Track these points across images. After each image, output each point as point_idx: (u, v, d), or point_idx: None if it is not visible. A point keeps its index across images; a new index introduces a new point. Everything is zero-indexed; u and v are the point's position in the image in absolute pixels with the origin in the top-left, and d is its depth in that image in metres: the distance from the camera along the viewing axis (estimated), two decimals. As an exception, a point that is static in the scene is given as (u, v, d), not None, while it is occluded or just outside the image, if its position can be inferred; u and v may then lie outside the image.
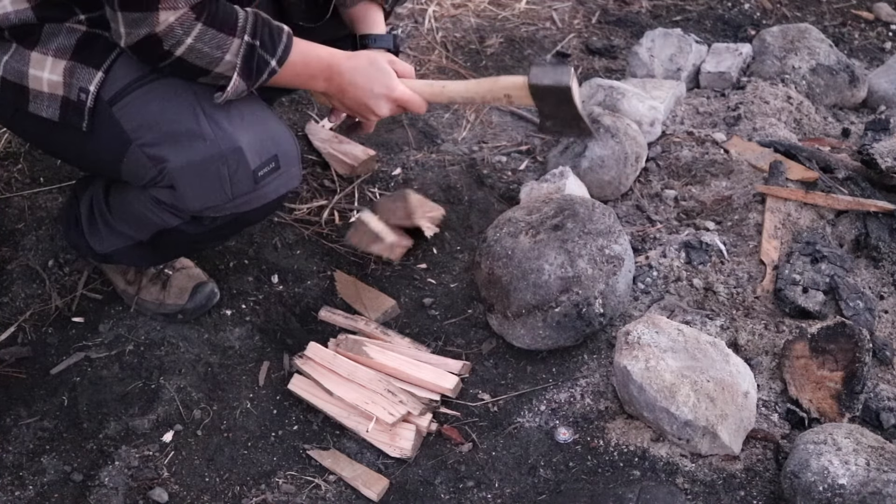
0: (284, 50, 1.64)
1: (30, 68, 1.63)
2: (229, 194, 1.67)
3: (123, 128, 1.63)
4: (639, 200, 2.36)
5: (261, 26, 1.60)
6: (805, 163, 2.30)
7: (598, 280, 1.94)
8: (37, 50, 1.62)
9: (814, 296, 1.98)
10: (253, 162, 1.66)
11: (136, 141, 1.64)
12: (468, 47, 3.03)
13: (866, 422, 1.80)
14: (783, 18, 3.28)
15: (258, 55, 1.60)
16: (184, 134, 1.62)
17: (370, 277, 2.20)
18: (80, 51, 1.62)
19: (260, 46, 1.60)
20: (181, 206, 1.70)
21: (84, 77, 1.62)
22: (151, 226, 1.79)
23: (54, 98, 1.64)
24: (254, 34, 1.58)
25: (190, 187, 1.66)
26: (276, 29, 1.63)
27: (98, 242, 1.93)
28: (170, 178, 1.64)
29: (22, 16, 1.61)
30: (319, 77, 1.73)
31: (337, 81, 1.74)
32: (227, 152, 1.62)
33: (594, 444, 1.81)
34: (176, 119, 1.62)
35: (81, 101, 1.62)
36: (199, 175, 1.64)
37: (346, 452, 1.82)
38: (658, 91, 2.61)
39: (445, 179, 2.49)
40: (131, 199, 1.79)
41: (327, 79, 1.74)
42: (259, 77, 1.62)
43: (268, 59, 1.62)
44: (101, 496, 1.73)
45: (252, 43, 1.58)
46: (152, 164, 1.64)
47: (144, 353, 1.98)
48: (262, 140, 1.67)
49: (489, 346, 2.04)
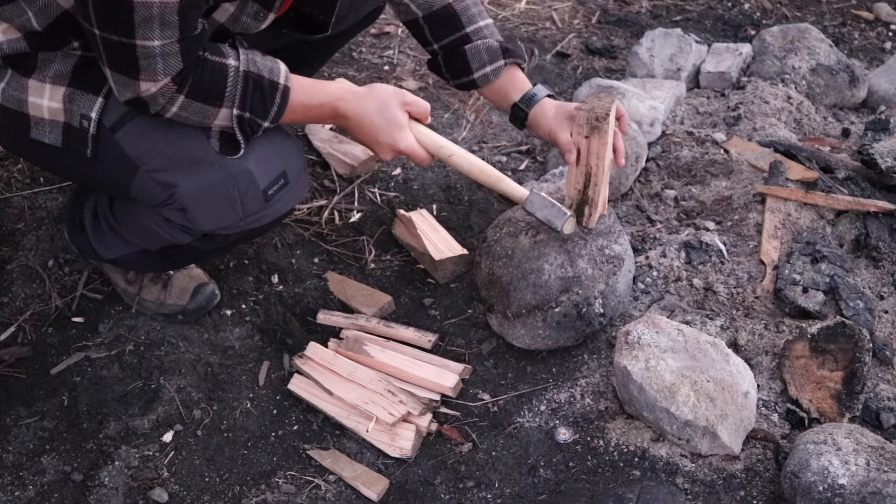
0: (278, 111, 1.62)
1: (28, 96, 1.60)
2: (241, 214, 1.68)
3: (128, 154, 1.62)
4: (639, 200, 2.36)
5: (251, 91, 1.57)
6: (805, 163, 2.30)
7: (598, 280, 1.94)
8: (34, 77, 1.60)
9: (814, 296, 1.98)
10: (262, 182, 1.66)
11: (142, 167, 1.63)
12: (468, 47, 3.03)
13: (866, 422, 1.80)
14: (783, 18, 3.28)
15: (248, 120, 1.60)
16: (191, 159, 1.62)
17: (370, 277, 2.20)
18: (78, 76, 1.60)
19: (250, 114, 1.59)
20: (193, 227, 1.70)
21: (84, 103, 1.60)
22: (161, 240, 1.79)
23: (56, 124, 1.62)
24: (242, 105, 1.57)
25: (201, 210, 1.66)
26: (269, 88, 1.59)
27: (104, 248, 1.93)
28: (181, 202, 1.64)
29: (15, 46, 1.58)
30: (325, 117, 1.73)
31: (342, 119, 1.72)
32: (236, 175, 1.63)
33: (594, 444, 1.81)
34: (181, 144, 1.62)
35: (84, 129, 1.61)
36: (210, 198, 1.64)
37: (346, 452, 1.82)
38: (658, 91, 2.61)
39: (445, 179, 2.49)
40: (140, 215, 1.79)
41: (333, 117, 1.72)
42: (255, 134, 1.63)
43: (259, 122, 1.62)
44: (101, 496, 1.73)
45: (240, 114, 1.58)
46: (161, 189, 1.64)
47: (144, 353, 1.98)
48: (269, 158, 1.67)
49: (489, 346, 2.04)
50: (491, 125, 2.69)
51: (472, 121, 2.70)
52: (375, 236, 2.32)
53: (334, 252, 2.26)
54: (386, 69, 2.93)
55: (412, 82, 2.85)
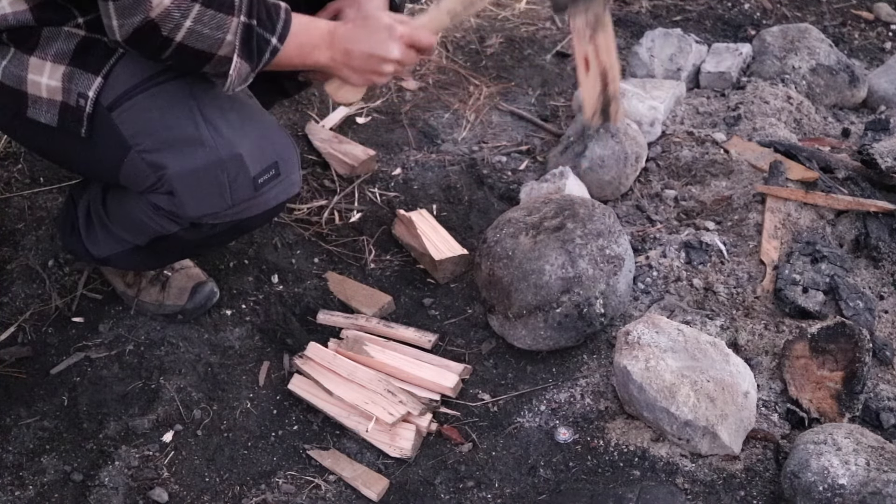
0: (284, 26, 1.58)
1: (28, 73, 1.60)
2: (229, 201, 1.66)
3: (122, 134, 1.61)
4: (639, 200, 2.36)
5: (257, 4, 1.54)
6: (805, 163, 2.30)
7: (598, 280, 1.94)
8: (35, 55, 1.60)
9: (814, 296, 1.98)
10: (253, 169, 1.64)
11: (135, 147, 1.62)
12: (468, 47, 3.03)
13: (866, 422, 1.80)
14: (783, 18, 3.28)
15: (257, 34, 1.54)
16: (183, 140, 1.60)
17: (370, 277, 2.20)
18: (79, 55, 1.60)
19: (258, 25, 1.54)
20: (180, 212, 1.68)
21: (83, 82, 1.60)
22: (150, 231, 1.78)
23: (53, 103, 1.62)
24: (249, 13, 1.52)
25: (189, 194, 1.64)
26: (273, 6, 1.58)
27: (95, 247, 1.92)
28: (169, 184, 1.63)
29: (20, 17, 1.58)
30: (322, 45, 1.67)
31: (340, 45, 1.67)
32: (226, 159, 1.61)
33: (594, 444, 1.81)
34: (175, 125, 1.60)
35: (80, 107, 1.60)
36: (198, 182, 1.62)
37: (346, 452, 1.82)
38: (658, 91, 2.61)
39: (445, 179, 2.49)
40: (130, 205, 1.78)
41: (329, 45, 1.67)
42: (261, 57, 1.57)
43: (268, 37, 1.56)
44: (101, 496, 1.73)
45: (248, 23, 1.52)
46: (151, 171, 1.63)
47: (144, 353, 1.98)
48: (262, 147, 1.66)
49: (489, 347, 2.04)
50: (491, 125, 2.70)
51: (472, 121, 2.70)
52: (375, 236, 2.32)
53: (334, 252, 2.26)
54: (386, 69, 2.93)
55: (412, 82, 2.85)
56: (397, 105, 2.75)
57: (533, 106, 2.77)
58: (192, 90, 1.61)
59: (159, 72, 1.60)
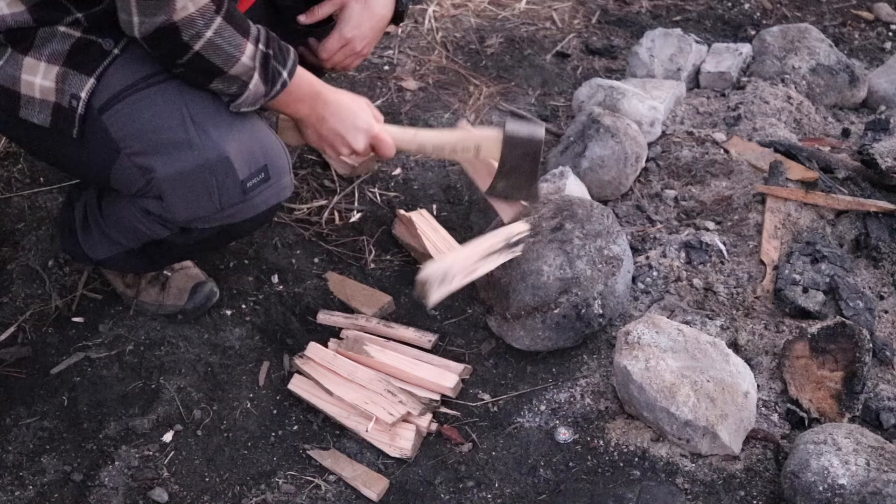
0: (293, 65, 1.65)
1: (22, 73, 1.60)
2: (217, 205, 1.65)
3: (112, 136, 1.61)
4: (639, 200, 2.36)
5: (272, 39, 1.61)
6: (805, 163, 2.30)
7: (596, 281, 1.94)
8: (30, 55, 1.59)
9: (814, 296, 1.98)
10: (241, 172, 1.64)
11: (124, 150, 1.61)
12: (468, 47, 3.03)
13: (866, 422, 1.80)
14: (783, 18, 3.28)
15: (272, 65, 1.60)
16: (171, 143, 1.60)
17: (370, 277, 2.20)
18: (73, 56, 1.60)
19: (273, 57, 1.60)
20: (169, 216, 1.68)
21: (76, 83, 1.59)
22: (141, 236, 1.78)
23: (46, 104, 1.61)
24: (267, 44, 1.59)
25: (177, 197, 1.64)
26: (285, 45, 1.64)
27: (92, 249, 1.92)
28: (157, 188, 1.63)
29: (19, 18, 1.58)
30: (307, 101, 1.73)
31: (319, 110, 1.74)
32: (214, 162, 1.60)
33: (594, 444, 1.81)
34: (164, 128, 1.60)
35: (73, 108, 1.60)
36: (186, 185, 1.62)
37: (346, 452, 1.82)
38: (658, 91, 2.61)
39: (445, 179, 2.49)
40: (121, 208, 1.78)
41: (311, 106, 1.74)
42: (274, 87, 1.62)
43: (280, 69, 1.62)
44: (101, 496, 1.73)
45: (266, 52, 1.58)
46: (140, 174, 1.63)
47: (144, 353, 1.98)
48: (251, 150, 1.65)
49: (489, 347, 2.04)
50: (491, 125, 2.69)
51: (472, 121, 2.70)
52: (375, 236, 2.32)
53: (334, 252, 2.26)
54: (386, 69, 2.93)
55: (412, 82, 2.85)
56: (397, 105, 2.75)
57: (533, 106, 2.77)
58: (183, 93, 1.60)
59: (152, 74, 1.60)
